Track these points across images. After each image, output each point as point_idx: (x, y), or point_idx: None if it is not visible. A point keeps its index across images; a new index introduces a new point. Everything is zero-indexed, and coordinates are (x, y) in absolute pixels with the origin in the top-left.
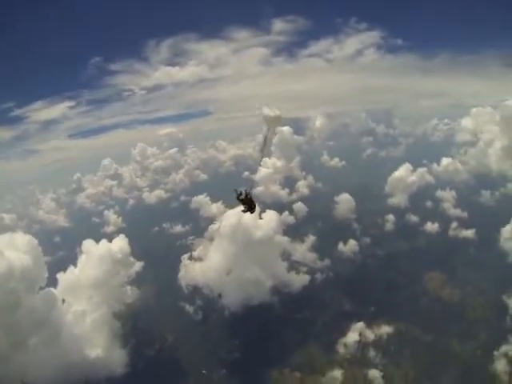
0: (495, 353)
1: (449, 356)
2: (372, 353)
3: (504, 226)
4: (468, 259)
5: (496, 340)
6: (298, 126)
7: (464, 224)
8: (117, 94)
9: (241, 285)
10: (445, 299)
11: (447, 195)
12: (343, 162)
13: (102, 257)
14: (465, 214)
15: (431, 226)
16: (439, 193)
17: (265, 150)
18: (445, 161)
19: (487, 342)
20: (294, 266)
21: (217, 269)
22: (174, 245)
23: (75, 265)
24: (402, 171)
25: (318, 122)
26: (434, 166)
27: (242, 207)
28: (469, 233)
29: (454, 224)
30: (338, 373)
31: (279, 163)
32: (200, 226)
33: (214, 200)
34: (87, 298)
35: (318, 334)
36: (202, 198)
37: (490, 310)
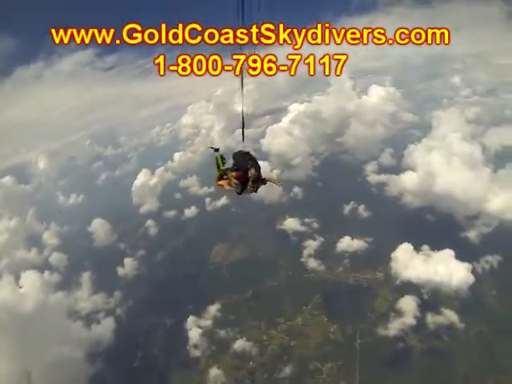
0: None
1: None
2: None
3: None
4: (232, 220)
5: None
6: (21, 174)
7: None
8: None
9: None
10: (235, 259)
11: (191, 181)
12: (82, 196)
13: None
14: (212, 189)
15: (190, 211)
16: (182, 182)
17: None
18: (176, 155)
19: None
20: (89, 318)
21: None
22: None
23: None
24: (141, 178)
25: (42, 164)
26: (169, 163)
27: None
28: (222, 201)
29: (207, 200)
30: None
31: (12, 223)
32: None
33: None
34: None
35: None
36: None
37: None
